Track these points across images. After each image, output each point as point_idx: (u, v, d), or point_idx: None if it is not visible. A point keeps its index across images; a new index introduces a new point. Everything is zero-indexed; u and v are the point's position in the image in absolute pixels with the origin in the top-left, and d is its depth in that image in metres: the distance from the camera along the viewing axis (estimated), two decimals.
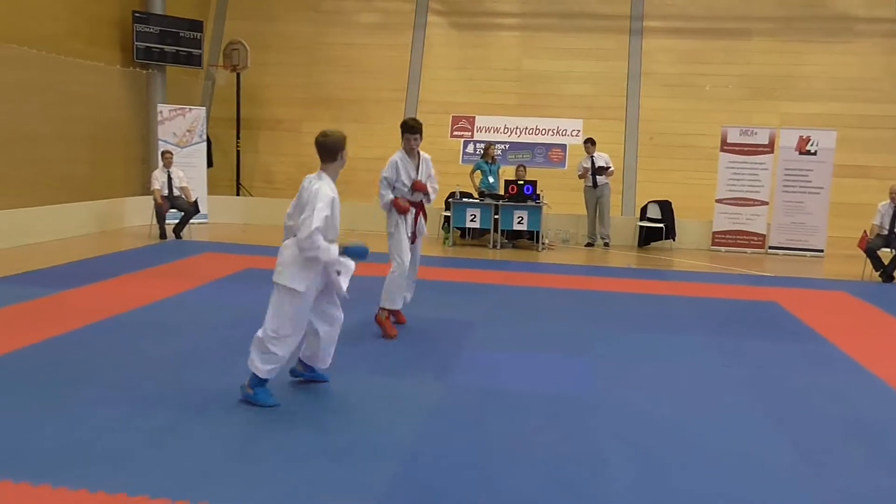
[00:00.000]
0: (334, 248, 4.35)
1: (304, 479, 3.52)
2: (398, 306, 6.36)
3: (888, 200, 10.19)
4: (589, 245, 12.76)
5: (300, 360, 4.91)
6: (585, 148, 12.76)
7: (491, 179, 12.54)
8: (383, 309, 6.30)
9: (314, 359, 4.82)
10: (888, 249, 10.13)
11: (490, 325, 6.75)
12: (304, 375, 4.94)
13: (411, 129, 6.26)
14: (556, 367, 5.53)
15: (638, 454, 3.96)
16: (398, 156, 6.33)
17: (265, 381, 4.52)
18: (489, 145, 13.03)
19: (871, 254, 10.11)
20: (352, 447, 3.91)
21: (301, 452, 3.83)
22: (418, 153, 6.36)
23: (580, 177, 12.77)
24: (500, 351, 5.93)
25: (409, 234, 6.40)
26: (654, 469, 3.79)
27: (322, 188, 4.36)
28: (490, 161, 12.72)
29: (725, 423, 4.49)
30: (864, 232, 10.27)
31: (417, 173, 6.32)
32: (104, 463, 3.61)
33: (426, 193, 6.40)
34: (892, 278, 9.99)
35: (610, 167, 12.68)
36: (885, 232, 10.14)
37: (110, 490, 3.31)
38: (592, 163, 12.63)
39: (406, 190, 6.32)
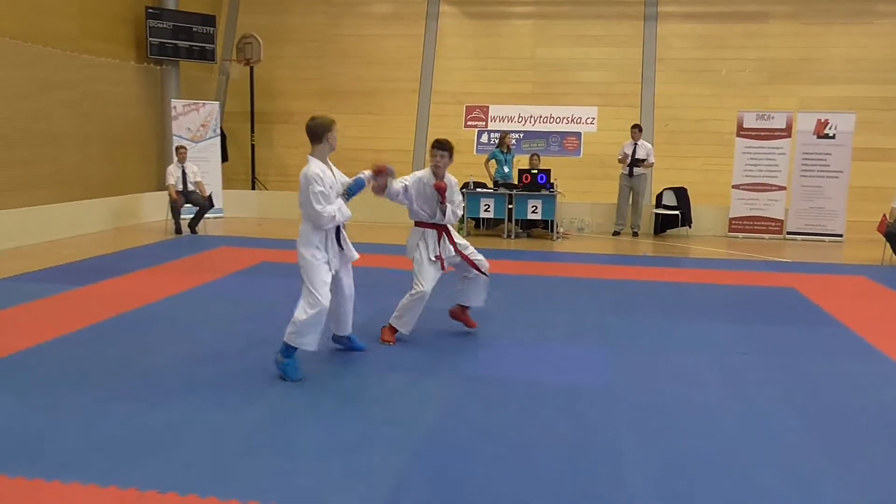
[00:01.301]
0: (340, 206, 4.88)
1: (317, 474, 3.53)
2: (407, 330, 5.80)
3: None
4: (616, 233, 12.67)
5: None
6: (632, 133, 12.61)
7: (506, 169, 12.50)
8: (392, 327, 5.83)
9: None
10: None
11: (505, 316, 6.73)
12: (342, 344, 5.47)
13: (441, 146, 5.68)
14: (573, 356, 5.50)
15: (656, 444, 3.93)
16: (423, 173, 5.81)
17: (293, 351, 4.85)
18: (505, 135, 12.98)
19: (891, 237, 9.97)
20: (365, 440, 3.91)
21: (314, 447, 3.83)
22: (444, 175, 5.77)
23: (620, 161, 12.62)
24: (516, 341, 5.91)
25: (434, 257, 5.78)
26: (674, 460, 3.76)
27: (307, 171, 4.79)
28: (505, 150, 12.68)
29: (745, 412, 4.44)
30: (884, 215, 10.13)
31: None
32: (118, 458, 3.63)
33: (442, 196, 5.71)
34: None
35: (649, 159, 12.56)
36: None
37: (122, 485, 3.33)
38: (634, 150, 12.50)
39: (425, 214, 5.82)
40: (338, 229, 5.01)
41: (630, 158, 12.45)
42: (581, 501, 3.31)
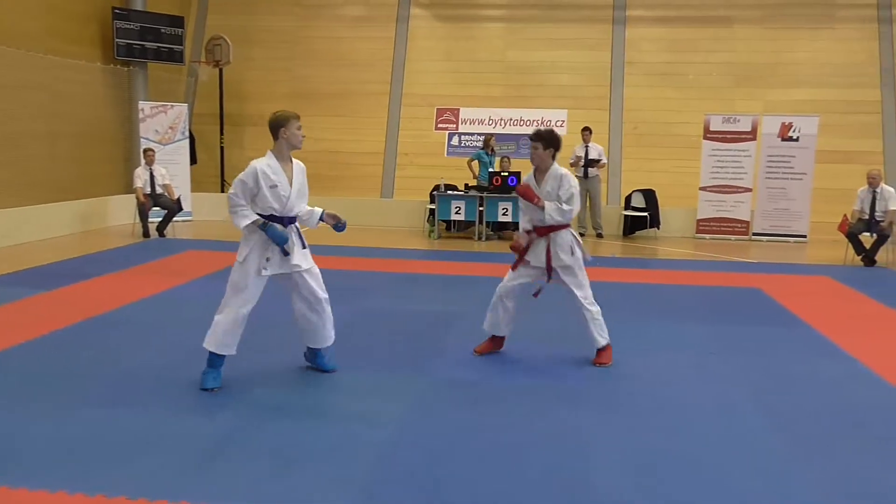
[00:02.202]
0: (243, 217, 4.61)
1: (289, 478, 3.53)
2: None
3: (867, 186, 10.27)
4: (581, 235, 12.76)
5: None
6: (582, 136, 12.76)
7: (490, 170, 12.58)
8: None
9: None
10: (869, 234, 10.20)
11: (477, 318, 6.70)
12: (309, 360, 5.19)
13: (533, 136, 5.29)
14: (543, 358, 5.55)
15: (625, 445, 3.98)
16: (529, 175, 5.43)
17: (215, 359, 4.76)
18: (490, 136, 13.13)
19: (853, 238, 10.19)
20: (337, 444, 3.91)
21: (286, 451, 3.82)
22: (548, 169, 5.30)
23: (572, 164, 12.75)
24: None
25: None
26: (645, 458, 3.81)
27: (253, 163, 4.64)
28: (490, 152, 12.80)
29: (714, 411, 4.51)
30: (845, 215, 10.35)
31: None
32: (86, 464, 3.60)
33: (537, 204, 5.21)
34: (874, 262, 10.07)
35: (602, 160, 12.72)
36: (866, 216, 10.22)
37: (90, 492, 3.30)
38: (587, 152, 12.64)
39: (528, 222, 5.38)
40: (289, 231, 4.72)
41: (584, 160, 12.60)
42: (554, 500, 3.35)
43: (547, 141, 5.21)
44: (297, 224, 4.83)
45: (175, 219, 11.79)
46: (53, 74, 12.23)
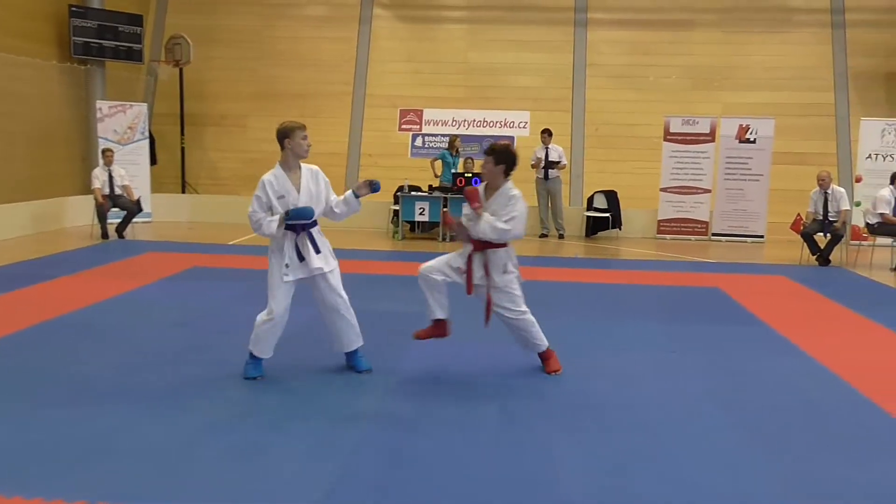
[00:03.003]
0: (270, 222, 4.73)
1: (254, 479, 3.50)
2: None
3: (818, 187, 10.52)
4: (543, 236, 12.88)
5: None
6: (542, 138, 12.87)
7: (453, 171, 12.60)
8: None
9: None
10: (823, 234, 10.44)
11: None
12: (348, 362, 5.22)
13: (487, 150, 5.09)
14: (505, 356, 5.58)
15: (588, 442, 4.03)
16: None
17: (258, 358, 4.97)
18: (455, 137, 13.16)
19: (808, 239, 10.42)
20: (301, 444, 3.90)
21: (250, 453, 3.80)
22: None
23: (533, 166, 12.85)
24: (450, 342, 5.95)
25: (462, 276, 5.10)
26: (606, 457, 3.85)
27: (262, 177, 4.79)
28: (454, 153, 12.83)
29: (675, 409, 4.58)
30: (798, 215, 10.59)
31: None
32: (46, 468, 3.53)
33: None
34: (828, 262, 10.31)
35: (562, 161, 12.84)
36: (820, 217, 10.46)
37: (49, 496, 3.24)
38: (546, 154, 12.75)
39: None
40: (301, 238, 4.81)
41: (544, 162, 12.71)
42: (515, 500, 3.38)
43: (499, 156, 4.89)
44: (312, 230, 4.89)
45: (135, 220, 11.62)
46: (7, 73, 11.94)
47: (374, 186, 4.89)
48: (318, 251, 4.87)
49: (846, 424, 4.39)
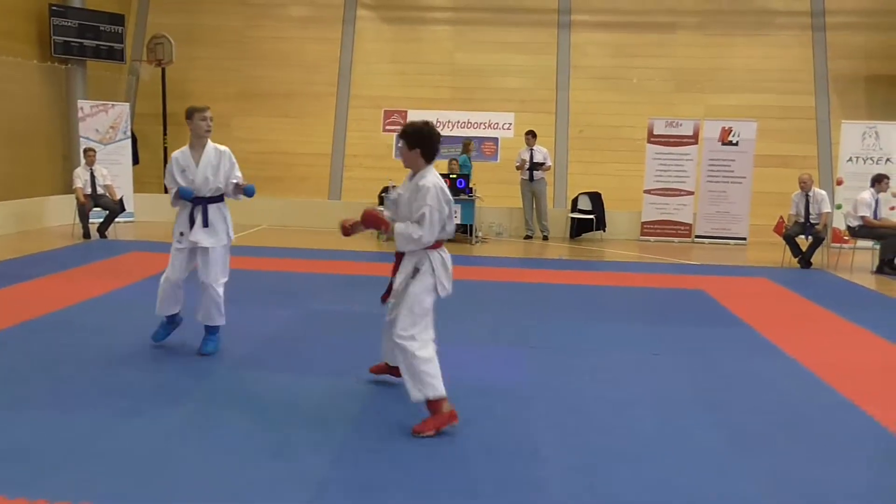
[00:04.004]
0: (172, 192, 5.38)
1: (237, 480, 3.48)
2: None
3: (799, 190, 10.62)
4: (528, 237, 12.90)
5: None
6: (526, 140, 12.90)
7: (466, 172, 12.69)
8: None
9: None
10: (805, 236, 10.53)
11: None
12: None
13: (399, 132, 4.40)
14: (491, 358, 5.59)
15: (572, 443, 4.04)
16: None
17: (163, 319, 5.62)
18: (468, 140, 13.46)
19: (790, 241, 10.51)
20: (286, 445, 3.88)
21: (233, 453, 3.77)
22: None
23: (518, 168, 12.88)
24: (436, 343, 5.94)
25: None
26: (589, 458, 3.86)
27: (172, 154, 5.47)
28: (468, 155, 13.07)
29: (658, 410, 4.60)
30: (781, 217, 10.68)
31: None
32: (27, 468, 3.49)
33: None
34: (810, 264, 10.40)
35: (547, 163, 12.87)
36: (801, 220, 10.55)
37: (31, 496, 3.21)
38: (531, 156, 12.78)
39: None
40: (196, 210, 5.30)
41: (529, 163, 12.75)
42: (500, 500, 3.38)
43: (411, 138, 4.22)
44: (214, 204, 5.38)
45: (117, 220, 11.52)
46: None
47: (247, 190, 5.40)
48: (205, 225, 5.33)
49: (827, 425, 4.43)
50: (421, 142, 4.22)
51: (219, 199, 5.43)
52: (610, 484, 3.57)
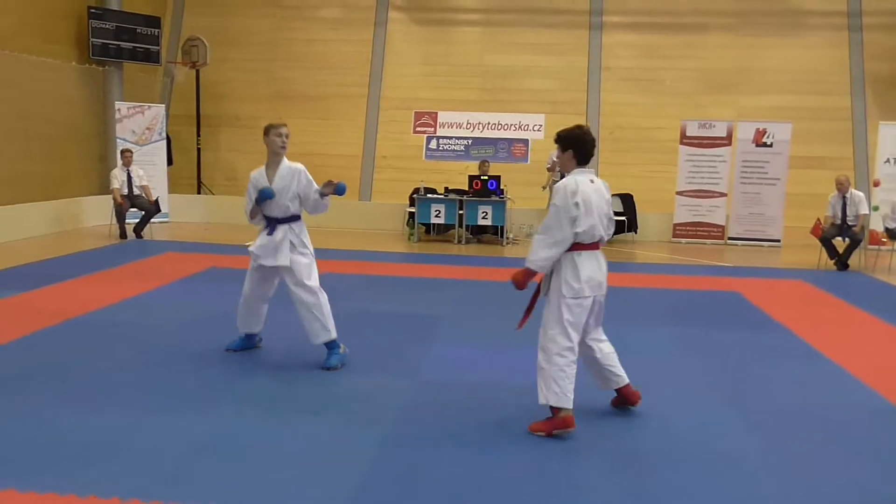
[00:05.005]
0: (249, 208, 5.26)
1: (273, 479, 3.51)
2: None
3: (836, 192, 10.47)
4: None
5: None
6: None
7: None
8: None
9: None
10: (842, 238, 10.38)
11: (458, 320, 6.78)
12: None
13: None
14: (525, 360, 5.57)
15: (610, 445, 4.03)
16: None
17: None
18: None
19: (826, 243, 10.37)
20: (323, 445, 3.91)
21: (269, 452, 3.81)
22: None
23: (548, 169, 12.83)
24: (470, 345, 5.97)
25: None
26: (627, 457, 3.86)
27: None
28: None
29: (694, 414, 4.57)
30: (818, 219, 10.53)
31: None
32: (72, 464, 3.56)
33: None
34: (847, 266, 10.25)
35: None
36: (838, 222, 10.40)
37: (81, 492, 3.27)
38: None
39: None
40: (275, 229, 5.18)
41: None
42: (541, 500, 3.37)
43: (564, 140, 4.43)
44: (289, 223, 5.21)
45: (152, 220, 11.68)
46: (27, 73, 12.04)
47: (339, 188, 5.14)
48: (280, 245, 5.16)
49: (869, 429, 4.36)
50: (573, 143, 4.33)
51: (294, 218, 5.25)
52: (646, 482, 3.55)
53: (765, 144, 12.83)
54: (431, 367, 5.37)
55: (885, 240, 10.89)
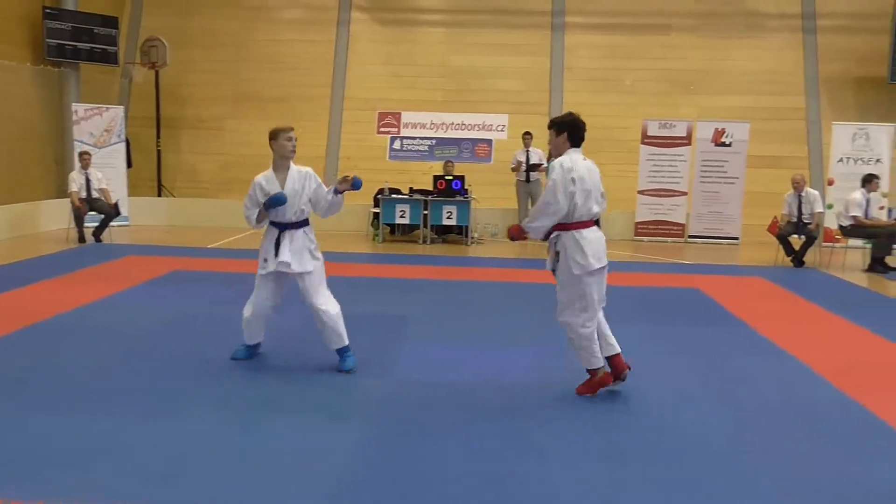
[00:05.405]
0: (252, 215, 5.12)
1: (253, 481, 3.50)
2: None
3: (792, 190, 10.71)
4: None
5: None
6: (524, 140, 12.92)
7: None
8: None
9: None
10: (798, 236, 10.62)
11: (424, 320, 6.81)
12: None
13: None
14: (493, 359, 5.63)
15: (586, 437, 4.08)
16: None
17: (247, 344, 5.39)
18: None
19: (783, 240, 10.60)
20: (302, 446, 3.91)
21: (249, 453, 3.79)
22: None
23: (513, 169, 12.92)
24: (437, 345, 6.00)
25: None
26: (604, 451, 3.92)
27: (254, 178, 5.15)
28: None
29: (661, 407, 4.65)
30: (775, 217, 10.77)
31: None
32: (29, 471, 3.51)
33: None
34: (803, 263, 10.50)
35: (543, 164, 12.92)
36: (794, 219, 10.65)
37: (50, 500, 3.23)
38: (527, 157, 12.83)
39: None
40: (282, 235, 5.07)
41: (525, 165, 12.80)
42: (519, 497, 3.41)
43: (559, 126, 4.77)
44: (300, 228, 5.17)
45: (112, 224, 11.50)
46: None
47: (355, 183, 5.12)
48: (302, 251, 5.12)
49: (830, 421, 4.49)
50: (569, 126, 4.74)
51: (304, 223, 5.21)
52: (626, 476, 3.61)
53: (724, 144, 13.07)
54: (404, 367, 5.39)
55: (839, 237, 11.17)
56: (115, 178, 12.82)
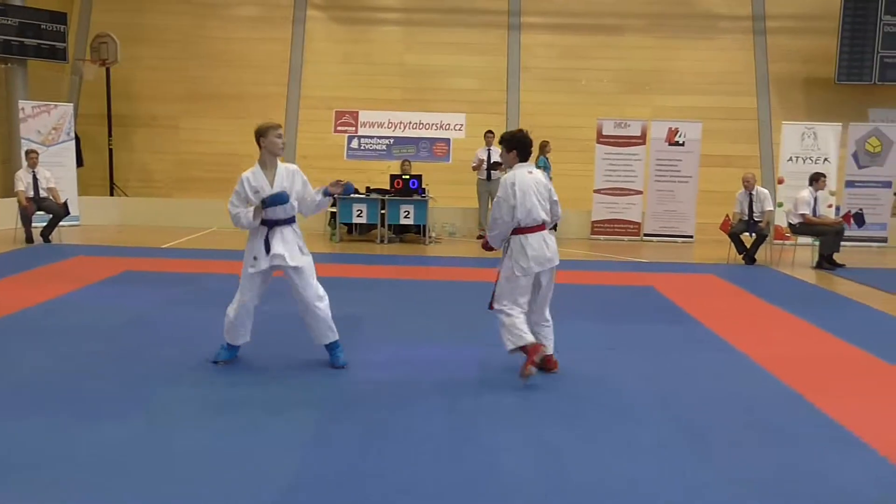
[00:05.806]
0: (247, 213, 5.05)
1: (202, 482, 3.45)
2: None
3: (743, 188, 10.92)
4: (481, 237, 12.98)
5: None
6: (486, 139, 12.95)
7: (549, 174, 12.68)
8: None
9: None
10: (749, 234, 10.83)
11: (382, 320, 6.79)
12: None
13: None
14: (449, 357, 5.63)
15: (531, 439, 4.10)
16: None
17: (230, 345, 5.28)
18: (546, 141, 13.06)
19: (735, 238, 10.80)
20: (251, 446, 3.86)
21: (197, 455, 3.74)
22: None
23: (474, 168, 12.95)
24: (394, 344, 5.98)
25: None
26: (546, 452, 3.93)
27: (241, 175, 5.13)
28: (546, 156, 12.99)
29: (612, 404, 4.70)
30: (727, 216, 10.98)
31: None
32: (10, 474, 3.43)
33: None
34: (754, 261, 10.71)
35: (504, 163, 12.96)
36: (745, 218, 10.85)
37: None
38: (489, 155, 12.86)
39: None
40: (272, 232, 5.07)
41: (486, 163, 12.85)
42: (462, 492, 3.42)
43: (508, 143, 5.27)
44: (289, 225, 5.18)
45: (61, 223, 11.25)
46: None
47: (347, 189, 5.26)
48: (292, 246, 5.15)
49: (775, 415, 4.58)
50: (517, 144, 5.21)
51: (293, 219, 5.22)
52: (567, 477, 3.64)
53: (677, 143, 13.27)
54: (356, 367, 5.35)
55: (788, 235, 11.42)
56: (64, 177, 12.53)
